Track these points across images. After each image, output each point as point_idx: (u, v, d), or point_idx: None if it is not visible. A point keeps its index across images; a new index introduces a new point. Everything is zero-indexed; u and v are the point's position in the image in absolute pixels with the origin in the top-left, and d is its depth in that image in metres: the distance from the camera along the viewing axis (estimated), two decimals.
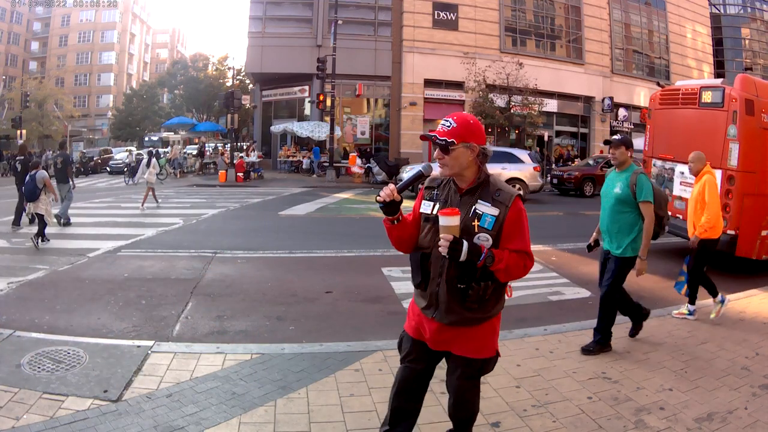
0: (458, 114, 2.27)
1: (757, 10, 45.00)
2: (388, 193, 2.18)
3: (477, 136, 2.24)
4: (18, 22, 55.89)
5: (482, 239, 2.19)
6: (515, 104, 23.68)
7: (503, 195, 2.25)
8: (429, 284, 2.30)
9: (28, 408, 3.11)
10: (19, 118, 31.78)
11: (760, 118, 6.95)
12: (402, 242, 2.37)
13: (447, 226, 2.11)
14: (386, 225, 2.29)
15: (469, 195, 2.28)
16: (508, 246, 2.23)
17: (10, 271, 6.78)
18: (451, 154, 2.21)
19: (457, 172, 2.26)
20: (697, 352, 4.24)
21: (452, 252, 2.11)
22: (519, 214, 2.25)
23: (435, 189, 2.36)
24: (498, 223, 2.21)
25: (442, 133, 2.22)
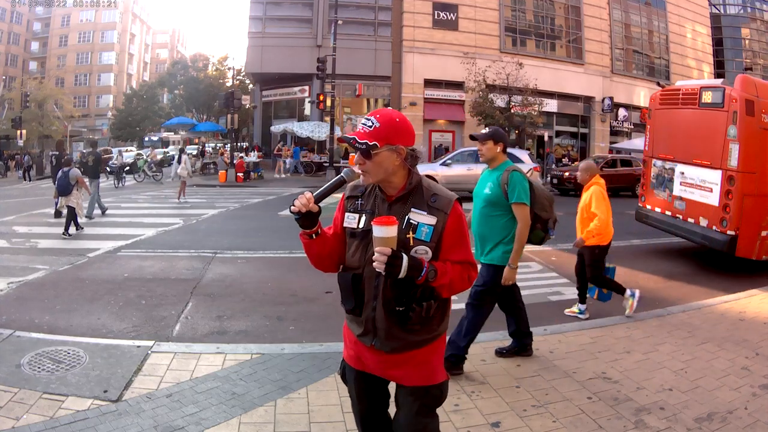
0: (382, 111, 1.94)
1: (757, 10, 45.01)
2: (303, 202, 1.85)
3: (404, 137, 1.92)
4: (18, 22, 55.88)
5: (420, 253, 1.88)
6: (515, 104, 23.67)
7: (440, 200, 1.94)
8: (363, 309, 1.96)
9: (28, 408, 3.11)
10: (19, 118, 31.77)
11: (760, 119, 6.95)
12: (322, 260, 2.05)
13: (384, 238, 1.78)
14: (303, 240, 1.97)
15: (399, 203, 1.95)
16: (450, 257, 1.93)
17: (10, 271, 6.78)
18: (374, 160, 1.88)
19: (382, 179, 1.94)
20: (697, 352, 4.24)
21: (390, 268, 1.77)
22: (459, 220, 1.95)
23: (359, 198, 2.02)
24: (437, 233, 1.91)
25: (362, 135, 1.88)
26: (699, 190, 7.57)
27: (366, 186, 2.04)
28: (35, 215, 12.03)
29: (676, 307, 5.45)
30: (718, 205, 7.19)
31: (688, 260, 8.25)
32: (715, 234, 7.23)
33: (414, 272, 1.81)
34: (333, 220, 2.09)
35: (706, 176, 7.44)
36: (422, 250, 1.89)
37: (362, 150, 1.87)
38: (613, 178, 19.29)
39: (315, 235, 1.95)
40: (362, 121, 1.92)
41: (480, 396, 3.40)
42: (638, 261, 8.03)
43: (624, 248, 9.14)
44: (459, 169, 16.19)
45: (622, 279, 6.95)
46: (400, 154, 1.90)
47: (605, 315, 5.26)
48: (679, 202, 7.98)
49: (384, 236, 1.78)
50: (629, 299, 5.17)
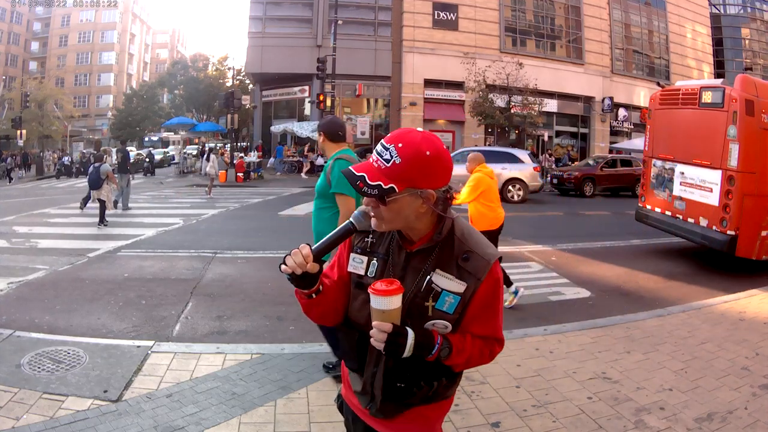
0: (406, 136, 1.41)
1: (757, 10, 44.99)
2: (299, 261, 1.39)
3: (435, 176, 1.42)
4: (18, 22, 55.89)
5: (438, 326, 1.49)
6: (515, 104, 23.69)
7: (475, 261, 1.49)
8: (365, 368, 1.61)
9: (28, 408, 3.11)
10: (19, 118, 31.78)
11: (760, 119, 6.95)
12: (326, 316, 1.63)
13: (383, 311, 1.39)
14: (300, 300, 1.54)
15: (421, 256, 1.51)
16: (473, 330, 1.53)
17: (10, 271, 6.77)
18: (390, 206, 1.42)
19: (400, 227, 1.51)
20: (697, 352, 4.24)
21: (391, 347, 1.40)
22: (495, 287, 1.52)
23: (369, 234, 1.59)
24: (463, 303, 1.49)
25: (375, 173, 1.39)
26: (699, 190, 7.58)
27: None
28: (35, 215, 12.03)
29: (676, 307, 5.45)
30: (718, 205, 7.19)
31: (688, 260, 8.25)
32: (715, 234, 7.23)
33: (423, 351, 1.44)
34: (337, 256, 1.67)
35: (706, 176, 7.44)
36: (441, 324, 1.49)
37: (373, 196, 1.40)
38: (613, 178, 19.33)
39: (315, 294, 1.51)
40: (377, 150, 1.41)
41: (480, 396, 3.40)
42: (638, 261, 8.03)
43: (624, 248, 9.15)
44: (459, 169, 16.09)
45: (622, 279, 7.01)
46: (427, 199, 1.43)
47: (605, 315, 5.26)
48: (679, 202, 7.98)
49: (384, 309, 1.39)
50: (511, 295, 5.51)
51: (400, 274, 1.51)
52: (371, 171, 1.39)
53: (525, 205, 15.54)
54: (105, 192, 10.53)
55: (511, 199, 15.98)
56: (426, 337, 1.45)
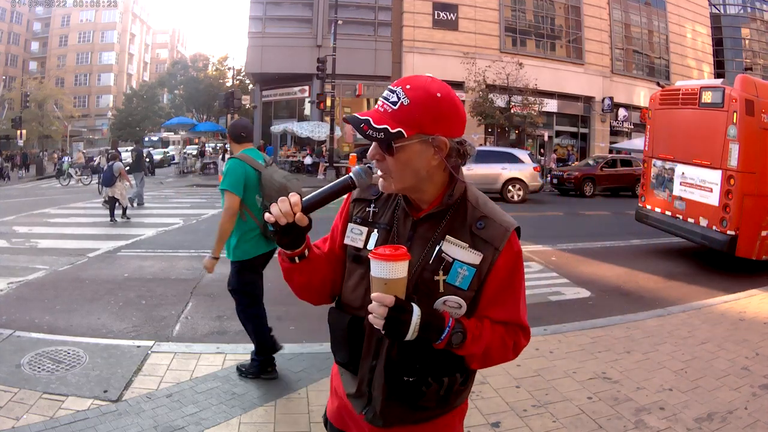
0: (415, 80, 1.25)
1: (757, 10, 44.97)
2: (285, 209, 1.21)
3: (448, 121, 1.24)
4: (18, 22, 55.89)
5: (450, 305, 1.27)
6: (515, 104, 23.69)
7: (491, 228, 1.29)
8: (360, 365, 1.36)
9: (28, 408, 3.11)
10: (19, 118, 31.80)
11: (760, 119, 6.95)
12: (310, 291, 1.43)
13: (385, 281, 1.18)
14: (282, 263, 1.35)
15: (429, 224, 1.31)
16: (491, 314, 1.31)
17: (10, 271, 6.77)
18: (398, 156, 1.23)
19: (409, 186, 1.29)
20: (697, 352, 4.24)
21: (392, 326, 1.17)
22: (516, 261, 1.32)
23: (371, 203, 1.39)
24: (479, 277, 1.28)
25: (381, 117, 1.22)
26: (699, 190, 7.58)
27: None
28: (35, 215, 12.03)
29: (676, 307, 5.45)
30: (718, 205, 7.19)
31: (688, 260, 8.25)
32: (715, 234, 7.23)
33: (430, 334, 1.21)
34: (331, 229, 1.49)
35: (706, 176, 7.44)
36: (454, 302, 1.27)
37: (379, 141, 1.23)
38: (613, 178, 19.34)
39: (299, 259, 1.31)
40: (383, 95, 1.26)
41: (480, 396, 3.40)
42: (638, 261, 8.03)
43: (624, 248, 9.15)
44: None
45: (622, 279, 7.01)
46: (439, 149, 1.24)
47: (605, 315, 5.26)
48: (679, 202, 7.98)
49: (385, 277, 1.17)
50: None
51: (406, 245, 1.29)
52: (377, 114, 1.23)
53: (525, 205, 15.54)
54: (118, 189, 11.00)
55: (511, 199, 15.99)
56: (435, 317, 1.22)
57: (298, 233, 1.27)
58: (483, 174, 16.01)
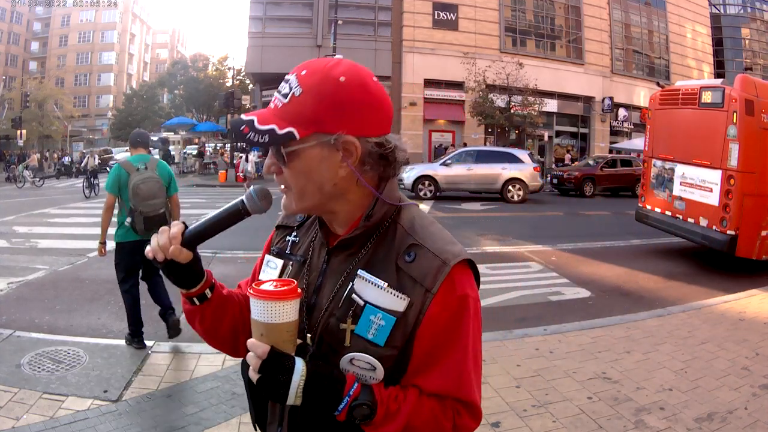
0: (312, 62, 0.95)
1: (757, 10, 44.97)
2: (162, 242, 0.98)
3: (355, 113, 0.92)
4: (18, 22, 55.88)
5: (359, 365, 0.94)
6: (515, 104, 23.69)
7: (424, 261, 0.94)
8: (267, 427, 1.12)
9: (28, 408, 3.11)
10: (19, 118, 31.81)
11: (760, 119, 6.96)
12: (218, 339, 1.12)
13: (265, 325, 0.90)
14: (183, 306, 1.09)
15: (346, 254, 1.01)
16: (422, 382, 0.95)
17: (10, 271, 6.78)
18: (293, 165, 0.95)
19: (313, 205, 1.00)
20: (697, 352, 4.24)
21: (266, 386, 0.89)
22: (459, 309, 0.94)
23: (293, 230, 1.14)
24: (403, 330, 0.93)
25: (267, 116, 0.93)
26: (699, 190, 7.58)
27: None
28: (35, 215, 12.03)
29: (676, 307, 5.46)
30: (718, 205, 7.19)
31: (688, 260, 8.25)
32: (715, 234, 7.23)
33: (322, 401, 0.90)
34: (254, 266, 1.24)
35: (706, 176, 7.44)
36: (363, 362, 0.93)
37: (265, 147, 0.94)
38: (613, 178, 19.34)
39: (199, 300, 1.05)
40: (282, 82, 0.97)
41: None
42: (638, 261, 8.03)
43: (624, 248, 9.16)
44: (459, 169, 16.19)
45: (622, 279, 7.01)
46: (348, 153, 0.93)
47: (605, 315, 5.26)
48: (679, 202, 7.98)
49: (264, 321, 0.90)
50: None
51: (317, 280, 1.03)
52: (263, 113, 0.93)
53: (525, 205, 15.54)
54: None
55: (511, 199, 15.98)
56: (328, 379, 0.90)
57: (185, 270, 1.01)
58: (483, 174, 16.02)
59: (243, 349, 1.04)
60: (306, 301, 1.02)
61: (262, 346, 0.89)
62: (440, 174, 16.05)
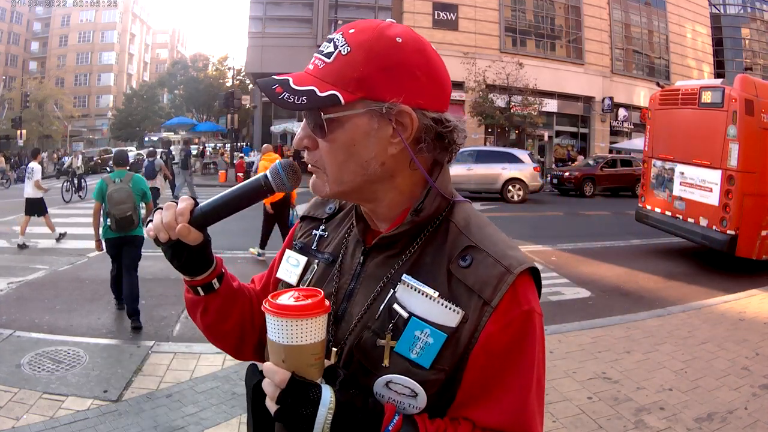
0: (361, 21, 0.83)
1: (757, 10, 44.97)
2: (167, 218, 0.86)
3: (417, 82, 0.79)
4: (18, 22, 55.89)
5: (398, 389, 0.78)
6: (515, 104, 23.69)
7: (483, 268, 0.79)
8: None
9: (28, 408, 3.11)
10: (19, 118, 31.80)
11: (760, 118, 6.96)
12: (219, 336, 1.00)
13: (284, 347, 0.74)
14: (185, 295, 0.99)
15: (386, 255, 0.85)
16: (476, 415, 0.78)
17: (10, 271, 6.78)
18: (333, 137, 0.79)
19: (353, 188, 0.83)
20: (697, 352, 4.24)
21: (285, 419, 0.73)
22: (524, 327, 0.78)
23: (320, 224, 0.99)
24: (454, 350, 0.77)
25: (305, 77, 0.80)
26: (699, 190, 7.58)
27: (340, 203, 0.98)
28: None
29: (676, 307, 5.46)
30: (718, 204, 7.20)
31: (688, 260, 8.25)
32: (715, 234, 7.23)
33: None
34: (272, 261, 1.06)
35: (706, 176, 7.44)
36: (404, 386, 0.78)
37: (302, 110, 0.79)
38: (613, 178, 19.34)
39: (204, 291, 0.93)
40: (323, 44, 0.83)
41: None
42: (638, 261, 8.03)
43: (624, 248, 9.16)
44: (459, 169, 16.19)
45: (622, 279, 7.01)
46: (402, 126, 0.79)
47: (605, 315, 5.26)
48: (679, 202, 7.98)
49: (283, 343, 0.75)
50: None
51: (349, 285, 0.87)
52: (300, 74, 0.80)
53: (525, 205, 15.54)
54: (159, 182, 12.76)
55: (511, 199, 15.98)
56: (364, 410, 0.74)
57: (193, 254, 0.88)
58: (483, 174, 16.01)
59: (247, 351, 1.00)
60: (334, 310, 0.85)
61: (280, 372, 0.73)
62: None
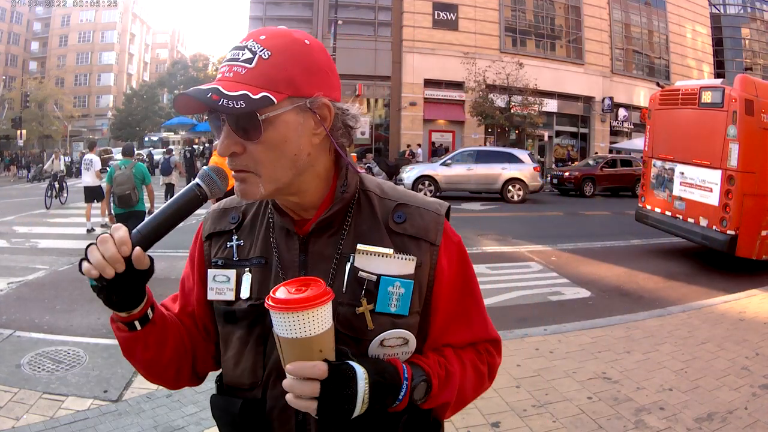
0: (266, 29, 0.86)
1: (757, 10, 44.97)
2: (110, 252, 0.78)
3: (326, 77, 0.87)
4: (18, 22, 55.88)
5: (392, 344, 0.86)
6: (515, 104, 23.69)
7: (418, 217, 0.92)
8: None
9: (28, 408, 3.11)
10: (19, 118, 31.80)
11: (760, 118, 6.96)
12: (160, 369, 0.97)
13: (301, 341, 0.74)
14: (118, 335, 0.91)
15: (326, 236, 0.91)
16: (453, 338, 0.94)
17: (10, 271, 6.78)
18: (267, 136, 0.82)
19: (286, 183, 0.86)
20: (697, 352, 4.24)
21: (331, 407, 0.76)
22: (460, 254, 0.94)
23: (233, 234, 0.98)
24: (419, 291, 0.89)
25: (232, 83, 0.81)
26: (699, 190, 7.58)
27: (241, 204, 1.00)
28: (35, 215, 12.03)
29: (676, 307, 5.45)
30: (718, 204, 7.19)
31: (688, 260, 8.25)
32: (715, 234, 7.23)
33: (385, 398, 0.81)
34: (180, 280, 1.04)
35: (706, 176, 7.44)
36: (396, 338, 0.86)
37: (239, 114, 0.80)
38: (613, 178, 19.35)
39: (140, 324, 0.88)
40: (228, 57, 0.85)
41: (480, 396, 3.40)
42: (638, 261, 8.03)
43: (624, 248, 9.16)
44: (459, 169, 16.20)
45: (622, 279, 7.01)
46: (323, 118, 0.86)
47: (605, 315, 5.26)
48: (679, 202, 7.98)
49: (302, 336, 0.74)
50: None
51: (299, 275, 0.88)
52: (226, 81, 0.81)
53: (525, 205, 15.54)
54: (174, 178, 14.04)
55: (511, 199, 15.98)
56: (384, 371, 0.81)
57: (134, 283, 0.82)
58: (483, 174, 16.02)
59: (184, 378, 1.01)
60: None
61: (318, 364, 0.75)
62: (440, 174, 16.05)
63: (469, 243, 8.91)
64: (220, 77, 0.83)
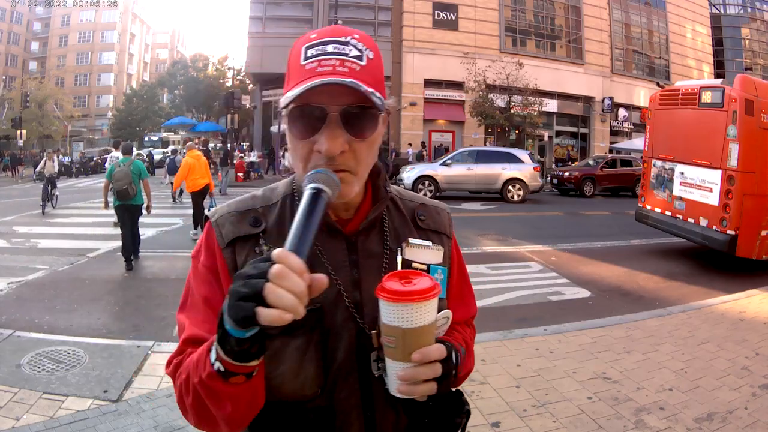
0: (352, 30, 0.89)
1: (757, 10, 44.94)
2: (301, 288, 0.66)
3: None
4: (18, 22, 55.86)
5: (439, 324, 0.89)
6: (515, 104, 23.68)
7: (435, 215, 1.05)
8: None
9: (28, 408, 3.11)
10: (19, 118, 31.80)
11: (760, 118, 6.96)
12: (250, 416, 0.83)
13: (420, 329, 0.80)
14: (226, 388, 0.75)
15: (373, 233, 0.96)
16: (459, 315, 1.02)
17: (10, 271, 6.78)
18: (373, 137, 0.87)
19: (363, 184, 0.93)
20: (697, 352, 4.24)
21: (447, 381, 0.85)
22: (457, 245, 1.09)
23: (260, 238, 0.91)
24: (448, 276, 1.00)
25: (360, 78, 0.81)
26: (699, 190, 7.58)
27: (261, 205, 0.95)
28: (35, 215, 12.02)
29: (676, 307, 5.45)
30: (718, 204, 7.19)
31: (688, 260, 8.25)
32: (715, 234, 7.23)
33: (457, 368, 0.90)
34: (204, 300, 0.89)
35: (705, 176, 7.44)
36: (443, 317, 0.91)
37: (369, 109, 0.83)
38: (613, 178, 19.34)
39: (248, 377, 0.76)
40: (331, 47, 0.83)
41: (480, 396, 3.40)
42: (638, 261, 8.03)
43: (624, 248, 9.16)
44: (459, 169, 16.20)
45: (622, 279, 7.01)
46: (384, 122, 0.90)
47: (605, 315, 5.26)
48: (679, 202, 7.98)
49: (427, 323, 0.80)
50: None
51: (352, 275, 0.91)
52: (342, 75, 0.80)
53: (525, 205, 15.54)
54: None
55: (511, 199, 15.98)
56: (450, 346, 0.88)
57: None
58: (483, 174, 16.02)
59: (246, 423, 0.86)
60: (350, 303, 0.91)
61: (439, 347, 0.82)
62: (440, 174, 16.05)
63: (469, 243, 8.95)
64: (330, 69, 0.81)
